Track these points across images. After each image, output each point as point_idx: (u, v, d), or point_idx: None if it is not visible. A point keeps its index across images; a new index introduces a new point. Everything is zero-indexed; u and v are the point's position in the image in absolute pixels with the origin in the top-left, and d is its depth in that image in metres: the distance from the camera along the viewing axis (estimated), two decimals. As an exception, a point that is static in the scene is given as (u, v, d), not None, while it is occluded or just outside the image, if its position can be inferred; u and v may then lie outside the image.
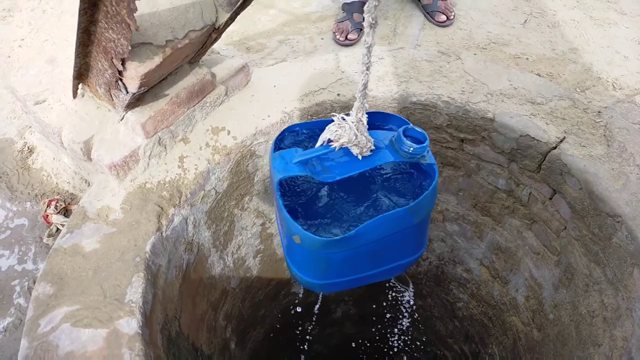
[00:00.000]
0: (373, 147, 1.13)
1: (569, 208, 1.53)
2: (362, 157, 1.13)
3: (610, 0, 2.34)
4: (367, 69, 0.98)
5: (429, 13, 2.13)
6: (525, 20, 2.21)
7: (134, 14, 0.94)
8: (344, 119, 1.09)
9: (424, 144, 1.10)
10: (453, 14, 2.12)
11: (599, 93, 1.82)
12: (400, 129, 1.12)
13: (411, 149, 1.09)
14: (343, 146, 1.10)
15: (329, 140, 1.12)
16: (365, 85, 1.02)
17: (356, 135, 1.07)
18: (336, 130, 1.09)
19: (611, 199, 1.36)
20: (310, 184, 1.33)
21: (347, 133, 1.08)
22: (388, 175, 1.33)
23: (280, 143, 1.26)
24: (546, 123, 1.55)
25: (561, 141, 1.50)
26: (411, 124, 1.15)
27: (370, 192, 1.32)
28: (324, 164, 1.16)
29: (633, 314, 1.29)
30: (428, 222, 1.31)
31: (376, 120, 1.27)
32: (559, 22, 2.21)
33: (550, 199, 1.61)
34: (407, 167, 1.32)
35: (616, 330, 1.36)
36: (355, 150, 1.11)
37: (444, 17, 2.10)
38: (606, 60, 2.00)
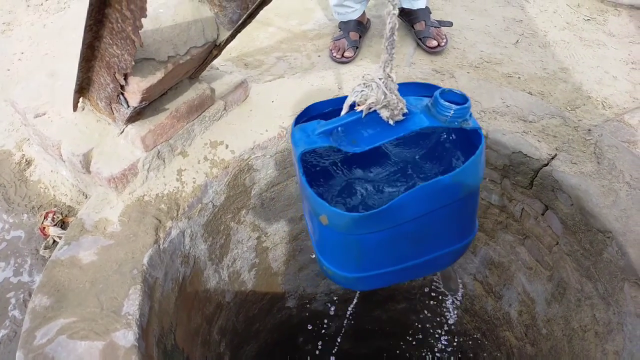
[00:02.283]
0: (406, 110, 0.98)
1: (560, 224, 1.56)
2: (394, 122, 0.97)
3: (599, 22, 2.41)
4: (394, 7, 0.84)
5: (420, 39, 2.15)
6: (517, 41, 2.27)
7: (139, 31, 0.97)
8: (370, 77, 0.95)
9: (466, 105, 0.96)
10: (445, 41, 2.13)
11: (589, 112, 1.87)
12: (437, 92, 0.98)
13: (451, 111, 0.95)
14: (371, 110, 0.97)
15: (355, 105, 0.98)
16: (392, 30, 0.87)
17: (385, 94, 0.94)
18: (362, 91, 0.96)
19: (602, 215, 1.39)
20: (337, 158, 1.17)
21: (374, 92, 0.94)
22: (425, 146, 1.16)
23: (301, 121, 1.12)
24: (538, 140, 1.58)
25: (552, 158, 1.53)
26: (447, 88, 1.00)
27: (406, 165, 1.16)
28: (351, 133, 1.01)
29: (624, 328, 1.31)
30: (477, 201, 1.13)
31: (404, 93, 1.12)
32: (549, 43, 2.27)
33: (543, 214, 1.64)
34: (447, 135, 1.15)
35: (608, 344, 1.38)
36: (385, 114, 0.97)
37: (435, 43, 2.11)
38: (596, 80, 2.05)
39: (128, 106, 1.28)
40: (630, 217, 1.36)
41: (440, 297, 2.29)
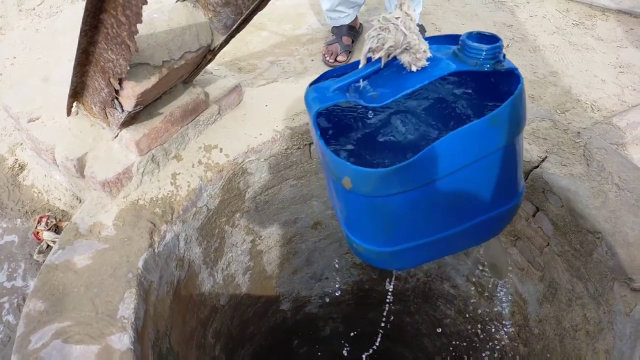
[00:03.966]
0: (429, 55, 0.88)
1: (551, 225, 1.58)
2: (417, 69, 0.87)
3: (587, 26, 2.45)
4: None
5: None
6: (508, 45, 2.30)
7: (134, 36, 0.97)
8: (385, 18, 0.85)
9: (498, 44, 0.87)
10: None
11: (578, 114, 1.90)
12: (464, 35, 0.88)
13: (483, 52, 0.86)
14: (390, 56, 0.88)
15: (372, 57, 0.89)
16: None
17: (404, 35, 0.84)
18: (378, 35, 0.87)
19: (591, 216, 1.41)
20: (356, 116, 1.05)
21: (392, 34, 0.85)
22: (453, 97, 1.03)
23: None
24: (528, 143, 1.61)
25: (543, 160, 1.56)
26: (474, 31, 0.89)
27: (434, 120, 1.03)
28: (370, 86, 0.91)
29: (614, 327, 1.33)
30: (519, 154, 0.97)
31: None
32: (539, 47, 2.30)
33: (534, 216, 1.66)
34: (478, 82, 1.02)
35: (598, 343, 1.40)
36: (406, 59, 0.87)
37: None
38: (584, 84, 2.09)
39: (122, 110, 1.28)
40: (619, 218, 1.38)
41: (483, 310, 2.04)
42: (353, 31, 2.22)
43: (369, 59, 0.92)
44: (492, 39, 0.88)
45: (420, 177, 0.85)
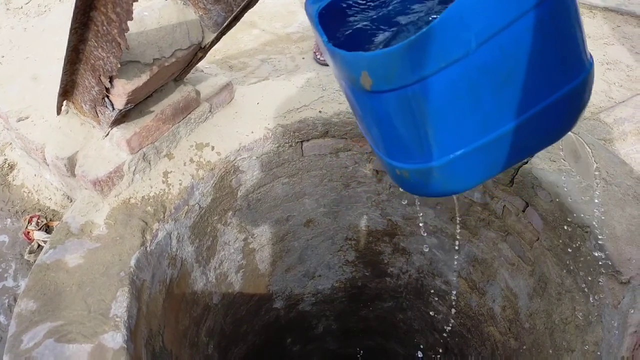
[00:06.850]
0: None
1: (541, 220, 1.60)
2: None
3: (575, 23, 2.48)
4: None
5: None
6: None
7: (125, 34, 0.97)
8: None
9: None
10: None
11: (567, 111, 1.92)
12: None
13: None
14: None
15: None
16: None
17: None
18: None
19: (580, 211, 1.43)
20: (364, 11, 0.91)
21: None
22: None
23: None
24: (518, 139, 1.62)
25: (532, 156, 1.57)
26: None
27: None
28: None
29: (603, 320, 1.36)
30: (574, 10, 0.74)
31: None
32: (528, 44, 2.32)
33: (523, 211, 1.68)
34: None
35: (588, 335, 1.42)
36: None
37: None
38: (572, 80, 2.11)
39: (113, 109, 1.28)
40: (607, 212, 1.40)
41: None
42: (344, 29, 2.22)
43: None
44: None
45: (450, 49, 0.68)
